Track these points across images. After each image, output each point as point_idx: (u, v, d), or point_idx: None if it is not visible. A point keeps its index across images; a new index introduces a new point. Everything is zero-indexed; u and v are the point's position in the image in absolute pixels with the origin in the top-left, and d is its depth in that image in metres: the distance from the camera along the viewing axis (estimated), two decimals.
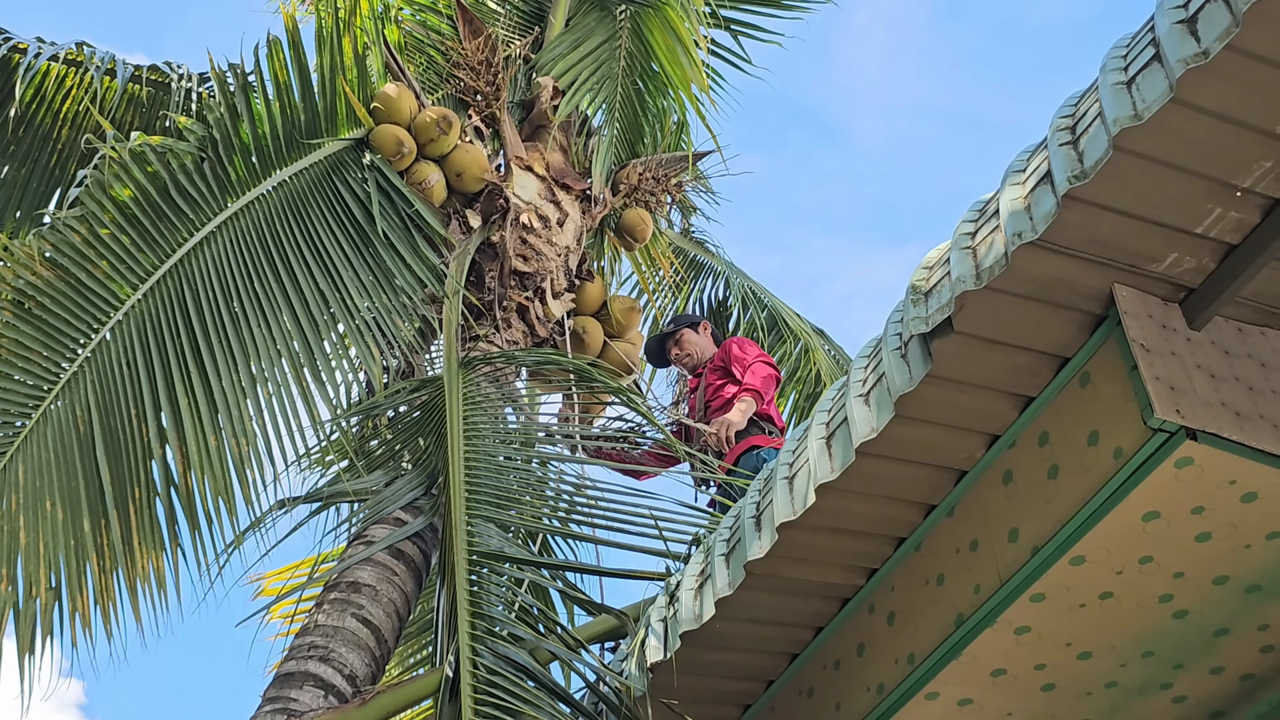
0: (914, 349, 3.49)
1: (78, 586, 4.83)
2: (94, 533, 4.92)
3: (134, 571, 4.94)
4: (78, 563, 4.86)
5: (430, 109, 6.77)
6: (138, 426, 5.16)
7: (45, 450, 4.99)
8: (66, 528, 4.89)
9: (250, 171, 6.12)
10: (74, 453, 5.03)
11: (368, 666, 4.88)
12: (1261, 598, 3.66)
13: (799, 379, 8.49)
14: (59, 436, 5.05)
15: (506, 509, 5.18)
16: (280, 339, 5.62)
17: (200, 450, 5.17)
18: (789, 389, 8.41)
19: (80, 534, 4.90)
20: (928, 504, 3.95)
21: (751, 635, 4.28)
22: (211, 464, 5.16)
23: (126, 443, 5.13)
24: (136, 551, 4.96)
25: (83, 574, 4.86)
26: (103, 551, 4.92)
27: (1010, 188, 3.25)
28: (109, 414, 5.17)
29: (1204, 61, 2.81)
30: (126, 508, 5.01)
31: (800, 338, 8.63)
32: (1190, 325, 3.47)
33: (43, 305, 5.26)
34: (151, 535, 5.04)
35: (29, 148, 7.66)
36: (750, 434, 6.39)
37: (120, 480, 5.04)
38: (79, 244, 5.43)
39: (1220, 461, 3.29)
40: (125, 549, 4.96)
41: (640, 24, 7.99)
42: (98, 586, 4.88)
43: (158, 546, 5.04)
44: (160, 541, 5.05)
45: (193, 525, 5.10)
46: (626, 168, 7.63)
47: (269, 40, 6.26)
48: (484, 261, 6.72)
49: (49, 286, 5.30)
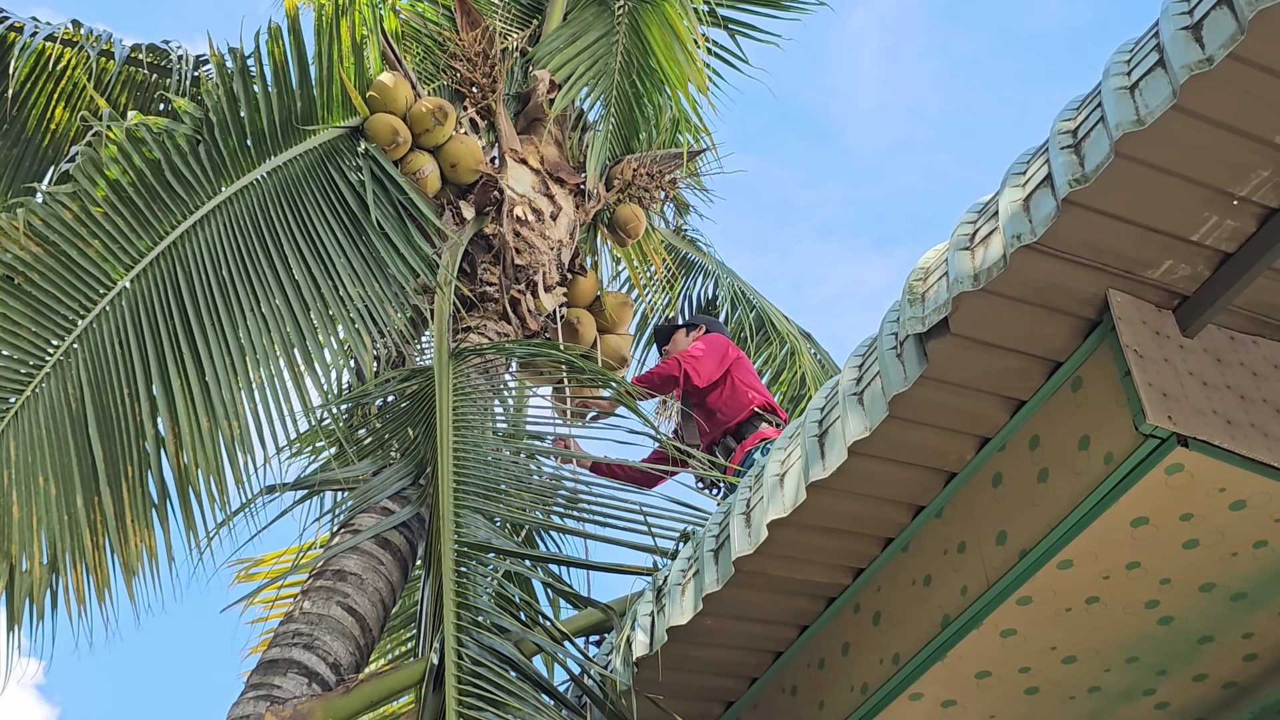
0: (909, 349, 3.49)
1: (71, 562, 4.82)
2: (87, 509, 4.91)
3: (126, 549, 4.92)
4: (72, 538, 4.85)
5: (426, 99, 6.76)
6: (130, 406, 5.14)
7: (37, 427, 4.97)
8: (60, 503, 4.87)
9: (245, 155, 6.10)
10: (66, 430, 5.01)
11: (352, 655, 4.87)
12: (1247, 606, 3.67)
13: (783, 381, 8.50)
14: (50, 413, 5.02)
15: (494, 500, 5.17)
16: (273, 323, 5.60)
17: (193, 431, 5.15)
18: (773, 389, 8.41)
19: (74, 509, 4.88)
20: (916, 505, 3.96)
21: (737, 632, 4.28)
22: (204, 445, 5.15)
23: (119, 421, 5.11)
24: (129, 530, 4.95)
25: (77, 550, 4.84)
26: (95, 528, 4.91)
27: (1010, 190, 3.25)
28: (101, 392, 5.15)
29: (1208, 68, 2.82)
30: (119, 485, 4.99)
31: (787, 340, 8.65)
32: (1184, 332, 3.49)
33: (31, 281, 5.24)
34: (144, 514, 5.02)
35: (22, 127, 7.64)
36: (757, 427, 6.40)
37: (113, 458, 5.03)
38: (70, 220, 5.40)
39: (1210, 469, 3.31)
40: (119, 526, 4.95)
41: (638, 20, 7.99)
42: (91, 563, 4.86)
43: (149, 525, 5.03)
44: (150, 521, 5.03)
45: (185, 506, 5.08)
46: (621, 163, 7.62)
47: (269, 27, 6.25)
48: (477, 253, 6.71)
49: (38, 262, 5.27)
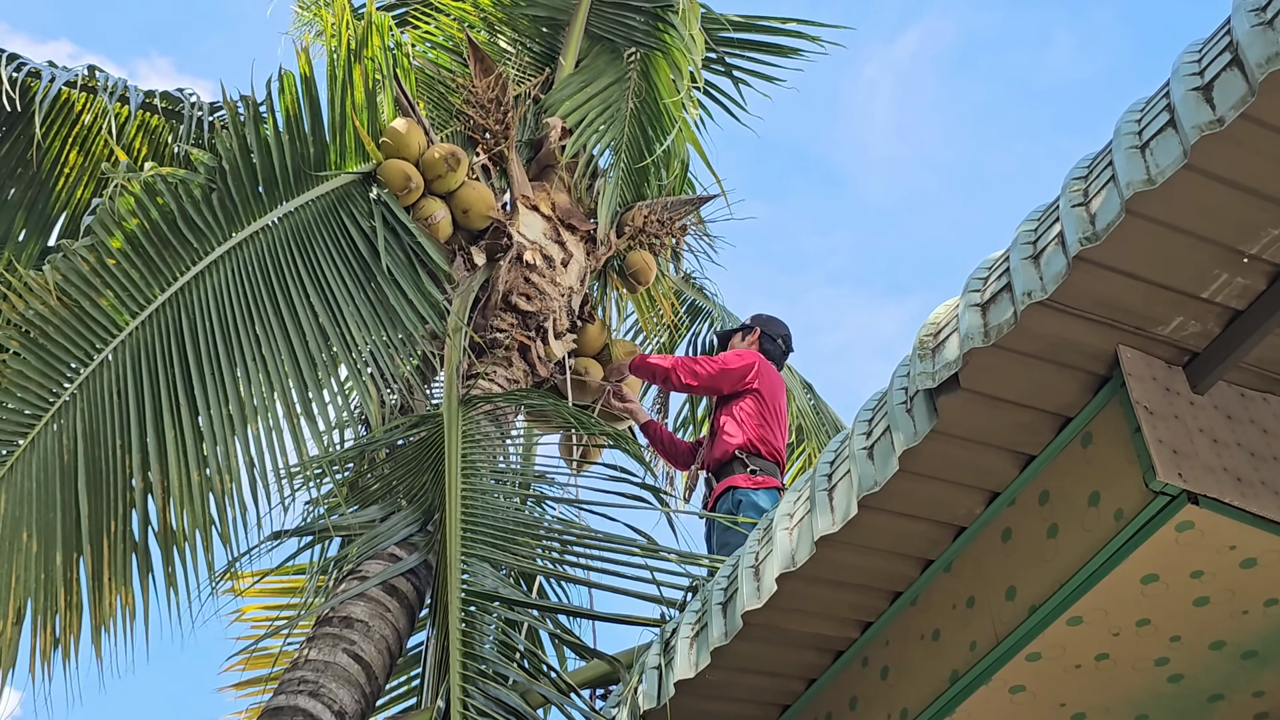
0: (919, 404, 3.49)
1: (41, 622, 4.80)
2: (65, 567, 4.90)
3: (100, 609, 4.91)
4: (46, 597, 4.83)
5: (439, 145, 6.80)
6: (121, 457, 5.13)
7: (28, 480, 4.98)
8: (39, 560, 4.86)
9: (258, 201, 6.14)
10: (55, 483, 5.02)
11: (357, 703, 4.85)
12: (1258, 664, 3.65)
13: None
14: (43, 466, 5.03)
15: (502, 549, 5.16)
16: (275, 372, 5.60)
17: (181, 483, 5.15)
18: None
19: (51, 568, 4.87)
20: (925, 559, 3.94)
21: (744, 685, 4.26)
22: (192, 499, 5.14)
23: (108, 474, 5.11)
24: (105, 588, 4.94)
25: (50, 609, 4.83)
26: (70, 586, 4.90)
27: (1020, 247, 3.26)
28: (94, 443, 5.15)
29: (1219, 129, 2.83)
30: (100, 542, 4.99)
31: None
32: (1194, 389, 3.48)
33: (45, 334, 5.27)
34: (123, 571, 5.02)
35: (36, 170, 7.70)
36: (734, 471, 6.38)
37: (97, 513, 5.02)
38: (86, 272, 5.44)
39: (1221, 526, 3.29)
40: (94, 585, 4.93)
41: (649, 67, 8.05)
42: (64, 623, 4.84)
43: (127, 582, 5.01)
44: (129, 577, 5.02)
45: (167, 561, 5.07)
46: (632, 210, 7.66)
47: (282, 74, 6.29)
48: (487, 299, 6.73)
49: (54, 315, 5.31)
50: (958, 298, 3.41)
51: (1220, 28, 2.96)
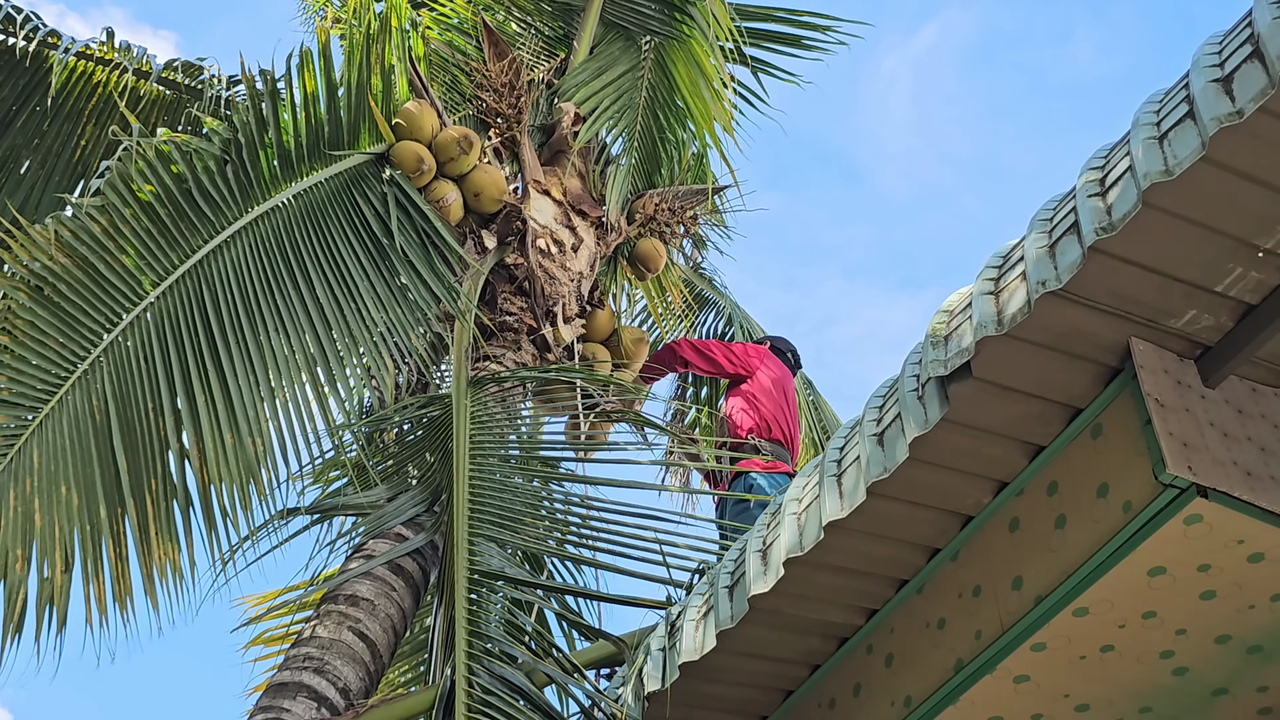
0: (931, 391, 3.49)
1: (93, 571, 4.83)
2: (110, 519, 4.92)
3: (151, 561, 4.93)
4: (93, 547, 4.86)
5: (452, 128, 6.80)
6: (154, 420, 5.16)
7: (60, 436, 4.99)
8: (81, 513, 4.89)
9: (273, 177, 6.15)
10: (89, 440, 5.03)
11: (362, 680, 4.87)
12: (1263, 659, 3.66)
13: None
14: (74, 424, 5.05)
15: (509, 529, 5.18)
16: (296, 343, 5.63)
17: (216, 447, 5.17)
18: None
19: (97, 519, 4.90)
20: (932, 547, 3.95)
21: (748, 669, 4.27)
22: (228, 462, 5.17)
23: (142, 435, 5.13)
24: (154, 542, 4.96)
25: (98, 559, 4.86)
26: (119, 538, 4.93)
27: (1036, 236, 3.26)
28: (125, 405, 5.17)
29: (1238, 121, 2.83)
30: (143, 498, 5.02)
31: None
32: (1205, 383, 3.48)
33: (59, 292, 5.28)
34: (168, 528, 5.04)
35: (53, 142, 7.71)
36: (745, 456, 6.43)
37: (136, 471, 5.05)
38: (99, 234, 5.44)
39: (1229, 520, 3.30)
40: (142, 538, 4.96)
41: (664, 55, 8.04)
42: (114, 573, 4.88)
43: (174, 539, 5.04)
44: (175, 535, 5.04)
45: (209, 521, 5.09)
46: (643, 197, 7.66)
47: (300, 51, 6.29)
48: (498, 283, 6.74)
49: (66, 273, 5.31)
50: (971, 285, 3.42)
51: (1242, 19, 2.96)
